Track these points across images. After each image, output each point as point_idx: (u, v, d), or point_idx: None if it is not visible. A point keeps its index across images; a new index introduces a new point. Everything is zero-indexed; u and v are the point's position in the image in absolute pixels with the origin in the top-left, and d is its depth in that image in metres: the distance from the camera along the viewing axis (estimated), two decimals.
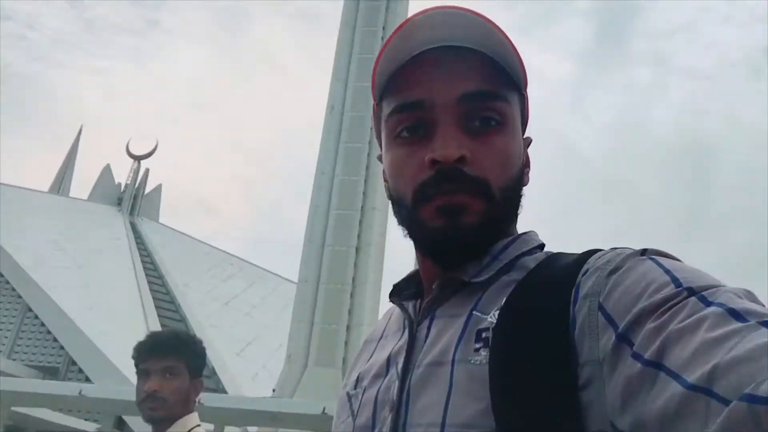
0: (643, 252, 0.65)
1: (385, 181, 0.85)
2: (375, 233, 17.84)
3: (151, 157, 44.56)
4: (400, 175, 0.79)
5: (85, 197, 44.09)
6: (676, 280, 0.57)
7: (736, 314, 0.50)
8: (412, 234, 0.80)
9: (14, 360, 25.08)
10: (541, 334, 0.63)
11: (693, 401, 0.47)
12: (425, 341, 0.75)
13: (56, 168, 50.12)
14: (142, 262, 35.62)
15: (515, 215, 0.82)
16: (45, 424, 18.14)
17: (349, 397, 0.84)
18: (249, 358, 31.07)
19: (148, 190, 44.40)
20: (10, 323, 27.05)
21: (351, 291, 17.23)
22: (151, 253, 37.15)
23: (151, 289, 32.99)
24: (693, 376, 0.47)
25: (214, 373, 26.33)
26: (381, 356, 0.82)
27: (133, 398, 2.09)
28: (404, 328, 0.80)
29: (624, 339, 0.56)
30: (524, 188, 0.82)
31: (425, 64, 0.76)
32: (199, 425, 2.08)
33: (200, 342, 2.26)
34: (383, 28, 20.29)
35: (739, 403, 0.43)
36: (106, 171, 45.69)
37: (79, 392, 14.16)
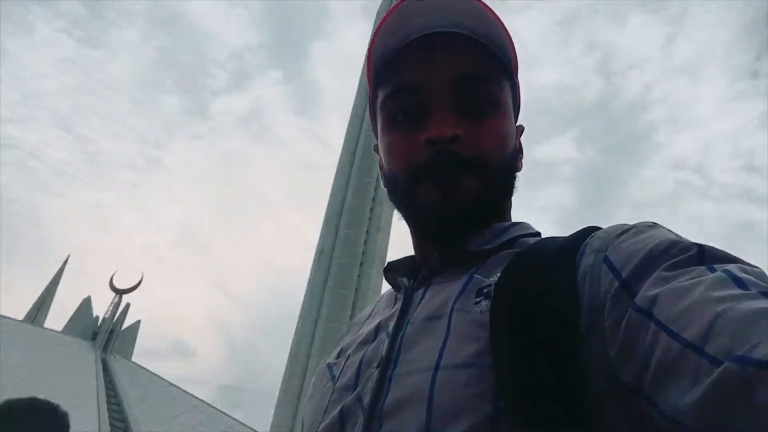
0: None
1: (381, 168, 0.85)
2: None
3: (134, 292, 43.91)
4: (395, 158, 0.78)
5: (60, 329, 42.66)
6: (688, 245, 0.56)
7: (739, 282, 0.49)
8: (408, 214, 0.80)
9: None
10: (546, 281, 0.62)
11: (683, 358, 0.46)
12: (420, 303, 0.72)
13: (36, 296, 49.05)
14: (108, 402, 33.66)
15: (509, 196, 0.82)
16: None
17: (330, 366, 0.80)
18: None
19: (126, 325, 43.17)
20: None
21: None
22: (118, 393, 35.28)
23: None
24: (685, 332, 0.47)
25: None
26: (368, 328, 0.79)
27: None
28: (396, 301, 0.78)
29: (626, 288, 0.56)
30: (518, 174, 0.82)
31: (419, 49, 0.75)
32: None
33: (64, 415, 2.01)
34: (377, 179, 20.90)
35: (731, 365, 0.41)
36: (86, 303, 44.72)
37: None
